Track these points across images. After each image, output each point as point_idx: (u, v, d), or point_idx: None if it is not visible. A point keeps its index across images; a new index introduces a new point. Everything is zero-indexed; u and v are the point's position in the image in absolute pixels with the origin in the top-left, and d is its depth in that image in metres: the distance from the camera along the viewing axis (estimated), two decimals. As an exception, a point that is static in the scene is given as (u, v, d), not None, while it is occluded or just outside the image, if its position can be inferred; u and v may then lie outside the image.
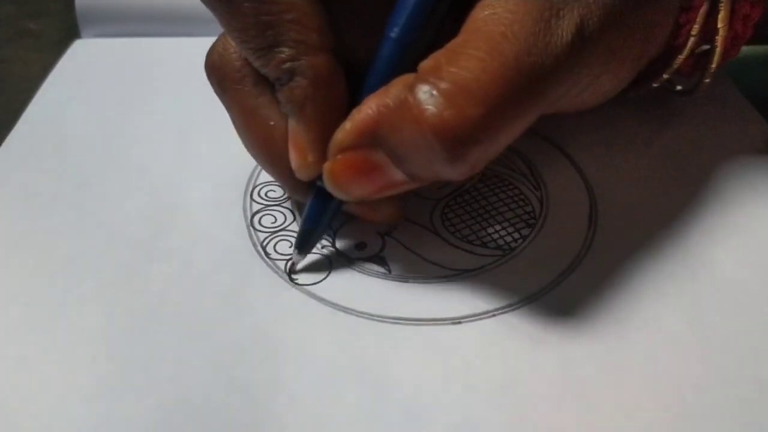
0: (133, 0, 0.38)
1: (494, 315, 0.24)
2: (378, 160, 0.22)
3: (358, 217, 0.27)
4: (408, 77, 0.21)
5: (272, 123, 0.24)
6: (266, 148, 0.25)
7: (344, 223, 0.28)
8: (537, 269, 0.26)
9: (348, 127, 0.22)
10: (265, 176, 0.30)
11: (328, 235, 0.27)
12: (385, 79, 0.22)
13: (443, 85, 0.20)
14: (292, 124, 0.24)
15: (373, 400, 0.22)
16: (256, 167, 0.30)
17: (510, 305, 0.24)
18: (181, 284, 0.25)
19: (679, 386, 0.22)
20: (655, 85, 0.29)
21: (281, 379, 0.22)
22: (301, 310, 0.24)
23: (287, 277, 0.26)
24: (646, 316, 0.24)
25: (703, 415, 0.21)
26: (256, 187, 0.29)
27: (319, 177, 0.24)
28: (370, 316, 0.24)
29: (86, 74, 0.36)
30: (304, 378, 0.22)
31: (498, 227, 0.27)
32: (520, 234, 0.27)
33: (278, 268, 0.26)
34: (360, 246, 0.27)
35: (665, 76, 0.28)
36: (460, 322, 0.24)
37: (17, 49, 0.40)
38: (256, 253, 0.26)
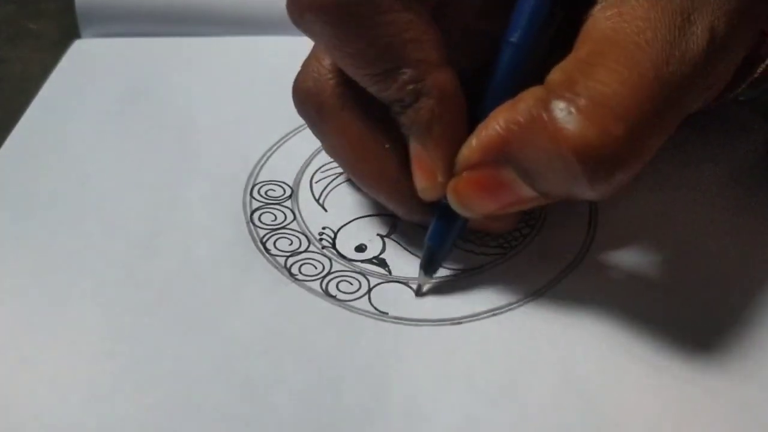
0: (133, 0, 0.38)
1: (494, 315, 0.24)
2: (506, 177, 0.21)
3: (478, 230, 0.26)
4: (537, 91, 0.20)
5: (387, 146, 0.24)
6: (380, 173, 0.24)
7: (345, 224, 0.28)
8: (537, 269, 0.26)
9: (475, 144, 0.21)
10: (265, 175, 0.30)
11: (329, 236, 0.27)
12: (508, 87, 0.21)
13: (581, 101, 0.19)
14: (417, 146, 0.23)
15: (372, 399, 0.22)
16: (256, 165, 0.30)
17: (510, 305, 0.24)
18: (181, 280, 0.25)
19: (679, 386, 0.22)
20: (732, 94, 0.27)
21: (281, 375, 0.22)
22: (301, 307, 0.24)
23: (287, 273, 0.26)
24: (645, 315, 0.24)
25: (704, 415, 0.21)
26: (256, 185, 0.29)
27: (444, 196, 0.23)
28: (370, 315, 0.24)
29: (86, 74, 0.36)
30: (304, 374, 0.22)
31: (498, 227, 0.27)
32: (521, 233, 0.27)
33: (278, 263, 0.26)
34: (360, 247, 0.27)
35: (749, 80, 0.26)
36: (460, 322, 0.24)
37: (17, 49, 0.40)
38: (256, 249, 0.27)
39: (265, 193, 0.29)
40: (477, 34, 0.23)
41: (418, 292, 0.25)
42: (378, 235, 0.27)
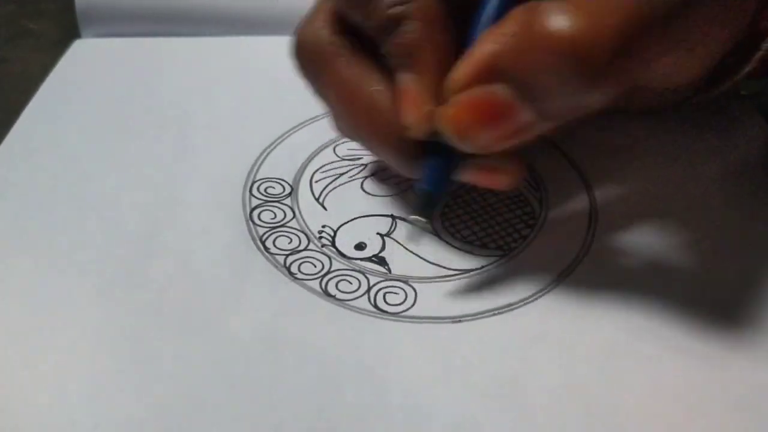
0: (133, 0, 0.38)
1: (494, 314, 0.24)
2: (503, 96, 0.20)
3: (478, 185, 0.25)
4: (523, 6, 0.20)
5: (378, 89, 0.23)
6: (373, 116, 0.23)
7: (344, 223, 0.28)
8: (537, 269, 0.26)
9: (464, 64, 0.20)
10: (264, 172, 0.30)
11: (329, 234, 0.27)
12: (497, 14, 0.21)
13: (574, 7, 0.19)
14: (403, 77, 0.22)
15: (372, 398, 0.22)
16: (255, 162, 0.30)
17: (510, 305, 0.24)
18: (180, 279, 0.25)
19: (679, 386, 0.22)
20: (724, 87, 0.27)
21: (280, 374, 0.22)
22: (301, 306, 0.24)
23: (286, 272, 0.26)
24: (645, 316, 0.24)
25: (703, 415, 0.21)
26: (255, 182, 0.29)
27: (436, 136, 0.22)
28: (371, 314, 0.24)
29: (86, 74, 0.36)
30: (304, 374, 0.22)
31: (498, 228, 0.27)
32: (520, 234, 0.27)
33: (278, 262, 0.26)
34: (360, 246, 0.27)
35: (746, 70, 0.26)
36: (460, 321, 0.24)
37: (17, 49, 0.40)
38: (255, 248, 0.26)
39: (265, 190, 0.29)
40: None
41: (411, 238, 0.24)
42: (378, 233, 0.27)
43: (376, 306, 0.24)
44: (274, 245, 0.27)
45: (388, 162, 0.25)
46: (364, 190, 0.29)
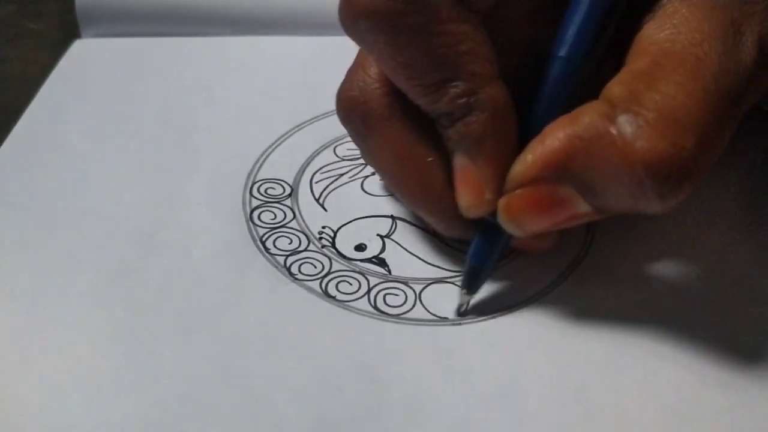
0: (133, 0, 0.38)
1: (494, 315, 0.24)
2: (564, 193, 0.20)
3: (519, 249, 0.26)
4: (599, 105, 0.20)
5: (430, 160, 0.23)
6: (423, 187, 0.24)
7: (345, 224, 0.28)
8: (537, 270, 0.26)
9: (531, 160, 0.21)
10: (264, 173, 0.30)
11: (329, 235, 0.27)
12: (559, 103, 0.21)
13: (650, 114, 0.19)
14: (464, 161, 0.22)
15: (372, 398, 0.22)
16: (255, 163, 0.30)
17: (510, 306, 0.24)
18: (180, 279, 0.25)
19: (678, 386, 0.22)
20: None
21: (280, 374, 0.22)
22: (301, 306, 0.24)
23: (286, 272, 0.26)
24: (645, 316, 0.24)
25: (703, 415, 0.21)
26: (255, 183, 0.29)
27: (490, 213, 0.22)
28: (371, 314, 0.24)
29: (86, 74, 0.36)
30: (304, 374, 0.22)
31: (498, 228, 0.27)
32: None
33: (278, 263, 0.26)
34: (360, 247, 0.27)
35: None
36: (460, 323, 0.24)
37: (17, 49, 0.40)
38: (255, 248, 0.26)
39: (265, 191, 0.29)
40: (520, 43, 0.22)
41: (460, 311, 0.24)
42: (378, 235, 0.27)
43: (376, 307, 0.24)
44: (275, 246, 0.27)
45: (434, 226, 0.25)
46: (364, 191, 0.29)
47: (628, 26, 0.21)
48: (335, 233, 0.27)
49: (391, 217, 0.28)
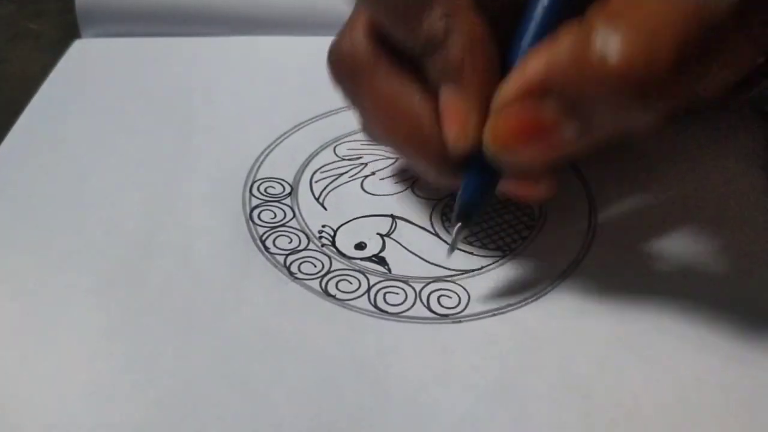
0: (133, 0, 0.38)
1: (494, 315, 0.24)
2: (549, 113, 0.20)
3: (512, 197, 0.25)
4: (577, 25, 0.20)
5: (418, 100, 0.23)
6: (413, 130, 0.24)
7: (344, 223, 0.28)
8: (537, 270, 0.26)
9: (513, 81, 0.21)
10: (264, 172, 0.30)
11: (329, 234, 0.27)
12: (542, 32, 0.21)
13: (627, 30, 0.19)
14: (448, 93, 0.22)
15: (372, 398, 0.22)
16: (255, 162, 0.30)
17: (510, 305, 0.24)
18: (180, 278, 0.25)
19: (679, 386, 0.22)
20: (746, 95, 0.27)
21: (280, 373, 0.22)
22: (301, 305, 0.24)
23: (286, 272, 0.26)
24: (645, 316, 0.24)
25: (703, 415, 0.21)
26: (255, 182, 0.29)
27: (477, 149, 0.22)
28: (371, 313, 0.24)
29: (86, 74, 0.36)
30: (303, 373, 0.22)
31: (498, 228, 0.27)
32: (520, 235, 0.27)
33: (278, 262, 0.26)
34: (360, 245, 0.27)
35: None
36: (460, 321, 0.24)
37: (17, 49, 0.40)
38: (255, 248, 0.26)
39: (265, 190, 0.29)
40: None
41: (451, 249, 0.24)
42: (378, 234, 0.27)
43: (376, 306, 0.24)
44: (274, 245, 0.27)
45: (425, 173, 0.25)
46: (364, 191, 0.29)
47: None
48: (335, 232, 0.27)
49: (391, 216, 0.28)
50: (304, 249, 0.27)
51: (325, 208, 0.28)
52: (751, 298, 0.25)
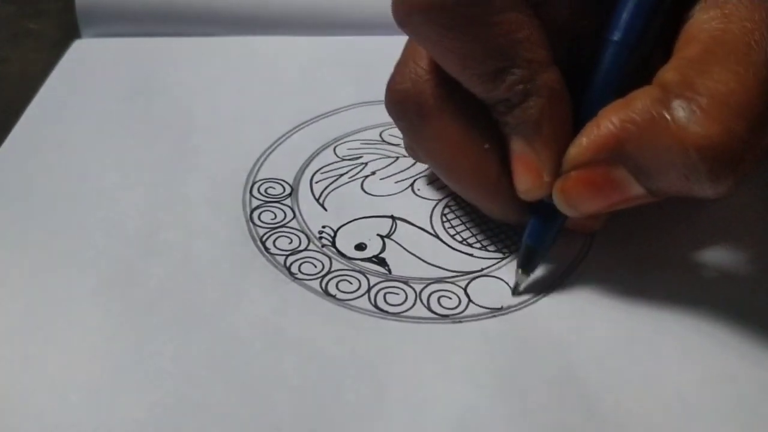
0: (133, 0, 0.38)
1: (494, 315, 0.24)
2: (618, 176, 0.21)
3: (571, 230, 0.26)
4: (652, 90, 0.20)
5: (486, 146, 0.24)
6: (478, 174, 0.24)
7: (345, 224, 0.28)
8: (537, 270, 0.26)
9: (586, 143, 0.21)
10: (264, 172, 0.30)
11: (329, 235, 0.27)
12: (612, 87, 0.22)
13: (703, 100, 0.19)
14: (521, 146, 0.23)
15: (372, 398, 0.22)
16: (255, 163, 0.30)
17: (510, 306, 0.24)
18: (180, 280, 0.25)
19: (679, 386, 0.22)
20: None
21: (280, 374, 0.22)
22: (301, 305, 0.24)
23: (286, 272, 0.26)
24: (645, 316, 0.24)
25: (703, 415, 0.21)
26: (255, 183, 0.29)
27: (547, 197, 0.23)
28: (371, 313, 0.24)
29: (86, 74, 0.36)
30: (304, 373, 0.22)
31: (498, 230, 0.27)
32: (520, 237, 0.27)
33: (278, 262, 0.26)
34: (360, 246, 0.27)
35: None
36: (460, 321, 0.24)
37: (17, 49, 0.40)
38: (255, 248, 0.26)
39: (265, 191, 0.29)
40: (569, 29, 0.23)
41: (515, 291, 0.25)
42: (378, 235, 0.27)
43: (376, 306, 0.24)
44: (275, 245, 0.27)
45: (488, 212, 0.26)
46: (364, 191, 0.29)
47: (677, 15, 0.22)
48: (335, 233, 0.27)
49: (391, 217, 0.28)
50: (305, 249, 0.27)
51: (326, 209, 0.28)
52: (751, 298, 0.25)
